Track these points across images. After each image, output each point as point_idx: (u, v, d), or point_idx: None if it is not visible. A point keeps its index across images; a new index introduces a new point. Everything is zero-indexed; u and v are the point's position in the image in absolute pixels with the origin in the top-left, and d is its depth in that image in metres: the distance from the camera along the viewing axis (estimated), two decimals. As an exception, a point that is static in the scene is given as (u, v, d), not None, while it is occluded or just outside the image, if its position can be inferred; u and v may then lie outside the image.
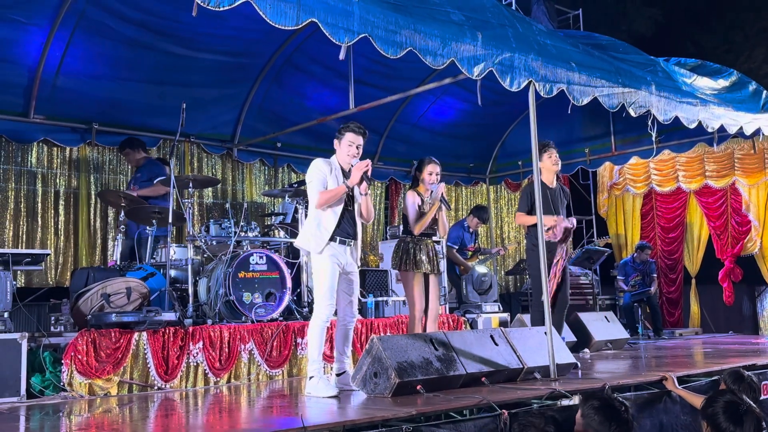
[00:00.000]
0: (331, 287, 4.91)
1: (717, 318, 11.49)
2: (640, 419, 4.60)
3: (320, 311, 4.91)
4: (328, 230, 4.93)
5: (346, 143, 5.04)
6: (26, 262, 5.56)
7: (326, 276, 4.90)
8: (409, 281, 5.98)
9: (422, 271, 5.96)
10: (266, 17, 4.17)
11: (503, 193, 12.13)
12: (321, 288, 4.92)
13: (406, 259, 5.97)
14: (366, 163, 4.98)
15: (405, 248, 6.01)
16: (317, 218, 4.98)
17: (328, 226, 4.94)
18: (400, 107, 9.72)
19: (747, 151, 10.35)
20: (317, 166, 5.01)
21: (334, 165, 5.07)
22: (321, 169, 4.98)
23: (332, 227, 4.94)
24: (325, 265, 4.92)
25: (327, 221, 4.95)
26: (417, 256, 5.95)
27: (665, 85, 6.80)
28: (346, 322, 5.17)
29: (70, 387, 5.12)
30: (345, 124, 5.15)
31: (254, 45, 7.94)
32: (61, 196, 7.96)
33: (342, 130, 5.08)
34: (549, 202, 6.49)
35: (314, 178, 4.96)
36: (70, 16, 6.78)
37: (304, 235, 5.07)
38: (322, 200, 4.91)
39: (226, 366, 5.86)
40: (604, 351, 7.76)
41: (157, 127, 8.32)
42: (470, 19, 5.30)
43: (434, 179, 6.06)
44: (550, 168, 6.58)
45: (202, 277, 6.57)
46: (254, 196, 9.37)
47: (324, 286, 4.91)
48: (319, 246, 4.92)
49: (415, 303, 5.95)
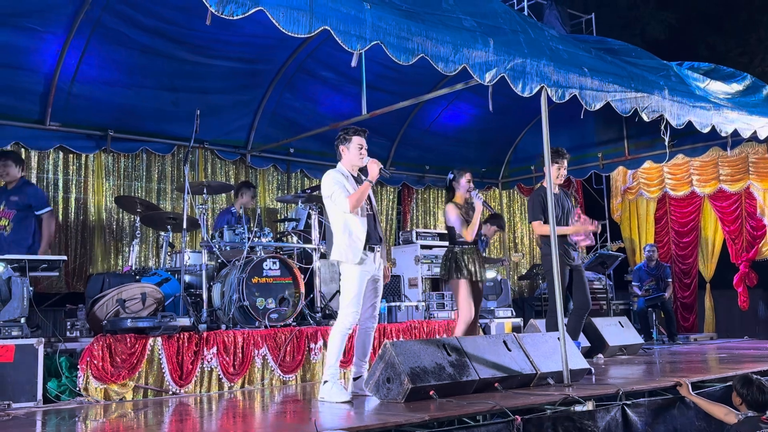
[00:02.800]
0: (358, 295, 4.92)
1: (732, 323, 11.40)
2: (654, 425, 4.58)
3: (345, 318, 4.90)
4: (361, 239, 4.94)
5: (355, 146, 5.06)
6: (42, 268, 5.62)
7: (356, 284, 4.91)
8: (459, 289, 6.19)
9: (471, 279, 6.19)
10: (279, 25, 4.20)
11: (516, 198, 12.11)
12: (348, 295, 4.92)
13: (455, 267, 6.18)
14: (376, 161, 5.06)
15: (453, 258, 6.23)
16: (347, 228, 4.96)
17: (361, 235, 4.95)
18: (413, 113, 9.74)
19: (761, 155, 10.29)
20: (332, 176, 5.02)
21: (344, 172, 5.10)
22: (337, 179, 5.00)
23: (364, 235, 4.95)
24: (357, 273, 4.92)
25: (357, 230, 4.95)
26: (465, 264, 6.17)
27: (678, 89, 6.78)
28: (367, 326, 5.18)
29: (86, 392, 5.16)
30: (345, 129, 5.18)
31: (267, 51, 8.00)
32: (77, 203, 8.03)
33: (347, 135, 5.09)
34: (559, 207, 6.51)
35: (335, 187, 4.96)
36: (86, 24, 6.86)
37: (339, 248, 4.99)
38: (353, 202, 4.90)
39: (240, 371, 5.89)
40: (618, 356, 7.73)
41: (171, 133, 8.39)
42: (482, 25, 5.31)
43: (472, 186, 6.33)
44: (555, 181, 6.54)
45: (216, 283, 6.61)
46: (267, 201, 9.41)
47: (351, 293, 4.91)
48: (357, 256, 4.91)
49: (466, 310, 6.15)
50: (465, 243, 6.24)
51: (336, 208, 5.00)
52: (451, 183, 6.44)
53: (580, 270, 6.70)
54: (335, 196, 4.96)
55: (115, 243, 8.20)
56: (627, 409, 4.44)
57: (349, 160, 5.11)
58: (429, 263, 9.19)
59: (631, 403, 4.53)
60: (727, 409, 4.43)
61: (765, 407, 4.24)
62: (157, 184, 8.54)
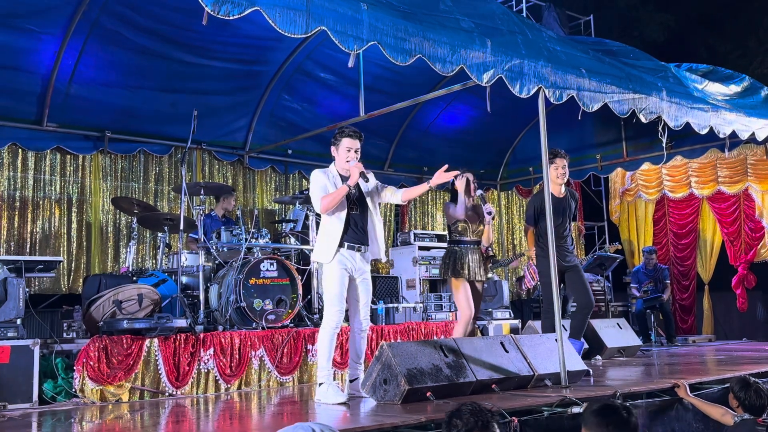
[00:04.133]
0: (340, 293, 4.92)
1: (730, 325, 11.40)
2: (652, 427, 4.57)
3: (329, 317, 4.91)
4: (336, 238, 4.94)
5: (344, 148, 5.05)
6: (39, 269, 5.62)
7: (334, 282, 4.91)
8: (455, 288, 6.15)
9: (470, 278, 6.13)
10: (276, 26, 4.19)
11: (514, 199, 12.10)
12: (328, 294, 4.94)
13: (454, 267, 6.13)
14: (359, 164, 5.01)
15: (453, 256, 6.18)
16: (324, 228, 5.03)
17: (335, 234, 4.95)
18: (411, 114, 9.74)
19: (760, 157, 10.29)
20: (315, 176, 5.07)
21: (332, 173, 5.10)
22: (319, 178, 5.03)
23: (339, 234, 4.94)
24: (333, 271, 4.93)
25: (333, 229, 4.97)
26: (464, 263, 6.12)
27: (676, 90, 6.77)
28: (358, 328, 5.15)
29: (82, 393, 5.15)
30: (339, 129, 5.18)
31: (265, 53, 7.99)
32: (74, 204, 8.01)
33: (338, 137, 5.10)
34: (558, 212, 6.44)
35: (315, 187, 5.01)
36: (84, 24, 6.85)
37: (317, 247, 5.09)
38: (324, 203, 4.93)
39: (237, 372, 5.88)
40: (616, 358, 7.72)
41: (168, 134, 8.38)
42: (479, 26, 5.30)
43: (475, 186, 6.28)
44: (554, 180, 6.50)
45: (213, 284, 6.60)
46: (265, 203, 9.40)
47: (331, 292, 4.92)
48: (329, 255, 4.93)
49: (464, 309, 6.11)
50: (465, 242, 6.21)
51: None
52: (453, 186, 6.36)
53: (577, 269, 6.63)
54: (313, 197, 5.02)
55: (112, 244, 8.18)
56: (625, 411, 4.42)
57: (338, 162, 5.12)
58: (427, 264, 9.18)
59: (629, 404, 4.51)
60: (725, 410, 4.42)
61: (762, 410, 4.22)
62: (154, 185, 8.52)
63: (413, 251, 9.20)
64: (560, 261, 6.40)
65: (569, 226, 6.67)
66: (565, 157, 6.58)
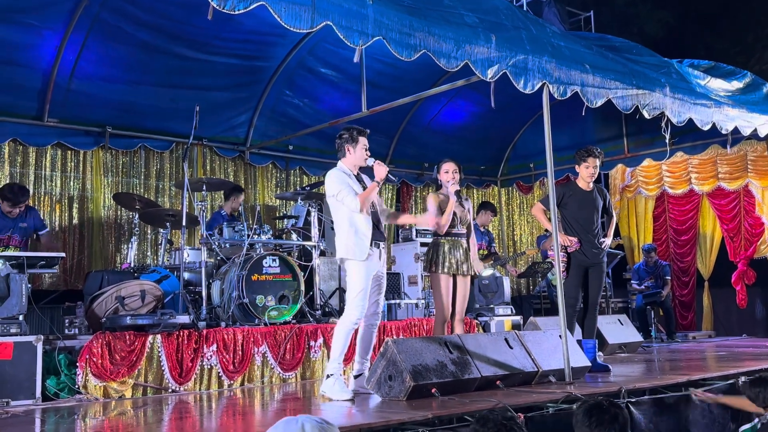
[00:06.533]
0: (365, 290, 4.95)
1: (730, 321, 11.40)
2: (658, 423, 4.56)
3: (351, 313, 4.93)
4: (368, 236, 4.97)
5: (361, 147, 5.11)
6: (41, 264, 5.60)
7: (362, 280, 4.94)
8: (434, 283, 5.86)
9: (449, 272, 5.77)
10: (281, 20, 4.18)
11: (515, 195, 12.09)
12: (355, 291, 4.95)
13: (435, 260, 5.81)
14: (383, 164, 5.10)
15: (435, 250, 5.86)
16: (353, 226, 4.99)
17: (367, 232, 4.98)
18: (412, 110, 9.72)
19: (760, 153, 10.29)
20: (338, 176, 5.04)
21: (347, 171, 5.12)
22: (342, 178, 5.04)
23: (370, 232, 4.98)
24: (363, 269, 4.95)
25: (364, 227, 4.98)
26: (445, 257, 5.78)
27: (679, 86, 6.77)
28: (370, 323, 5.19)
29: (85, 390, 5.14)
30: (350, 128, 5.18)
31: (266, 48, 7.96)
32: (75, 199, 7.98)
33: (355, 135, 5.11)
34: (585, 204, 6.33)
35: (342, 186, 4.99)
36: (84, 19, 6.82)
37: (345, 246, 5.01)
38: (362, 202, 4.95)
39: (240, 369, 5.86)
40: (617, 354, 7.73)
41: (170, 130, 8.35)
42: (484, 21, 5.29)
43: (449, 177, 5.89)
44: (584, 178, 6.39)
45: (216, 280, 6.58)
46: (266, 198, 9.38)
47: (358, 289, 4.94)
48: (364, 253, 4.94)
49: (439, 308, 5.82)
50: (449, 234, 5.84)
51: (341, 206, 5.02)
52: (435, 175, 6.13)
53: (600, 269, 6.35)
54: (342, 195, 4.98)
55: (114, 240, 8.16)
56: (630, 407, 4.42)
57: (352, 160, 5.13)
58: (428, 261, 9.15)
59: (634, 401, 4.52)
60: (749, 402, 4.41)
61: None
62: (155, 181, 8.49)
63: (415, 247, 9.17)
64: (585, 255, 6.24)
65: (599, 223, 6.41)
66: (598, 156, 6.37)
